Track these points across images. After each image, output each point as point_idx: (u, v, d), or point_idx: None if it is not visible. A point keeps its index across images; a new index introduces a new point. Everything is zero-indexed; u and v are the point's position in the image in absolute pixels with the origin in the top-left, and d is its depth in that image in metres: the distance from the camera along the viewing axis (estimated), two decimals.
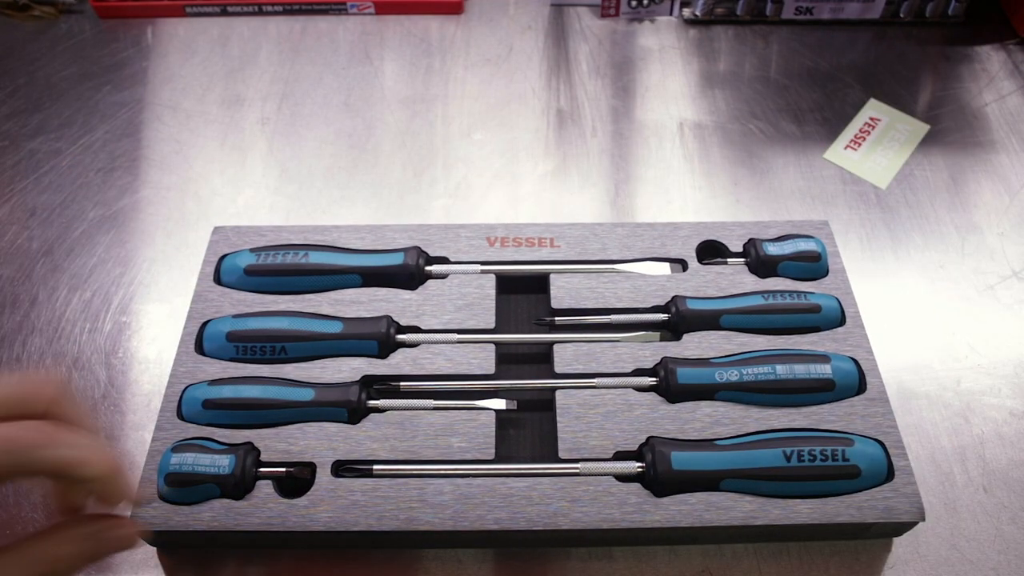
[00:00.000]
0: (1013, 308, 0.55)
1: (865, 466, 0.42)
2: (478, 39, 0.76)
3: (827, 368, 0.45)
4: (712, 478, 0.42)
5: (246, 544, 0.43)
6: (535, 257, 0.52)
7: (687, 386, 0.45)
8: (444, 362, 0.47)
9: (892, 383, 0.49)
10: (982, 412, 0.49)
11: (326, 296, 0.50)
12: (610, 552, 0.44)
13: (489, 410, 0.45)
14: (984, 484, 0.46)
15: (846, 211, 0.61)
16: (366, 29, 0.77)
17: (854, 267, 0.56)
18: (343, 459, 0.43)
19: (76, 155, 0.65)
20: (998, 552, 0.44)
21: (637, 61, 0.73)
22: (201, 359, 0.47)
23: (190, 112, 0.69)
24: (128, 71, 0.72)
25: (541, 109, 0.69)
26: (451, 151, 0.65)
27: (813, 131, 0.67)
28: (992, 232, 0.59)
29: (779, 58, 0.73)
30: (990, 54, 0.73)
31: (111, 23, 0.77)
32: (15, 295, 0.56)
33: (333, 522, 0.41)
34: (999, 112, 0.68)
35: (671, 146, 0.66)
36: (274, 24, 0.77)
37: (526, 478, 0.42)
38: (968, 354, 0.52)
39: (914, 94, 0.70)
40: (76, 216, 0.61)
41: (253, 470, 0.42)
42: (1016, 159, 0.64)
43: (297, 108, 0.69)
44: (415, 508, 0.41)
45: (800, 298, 0.49)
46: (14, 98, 0.69)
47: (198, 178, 0.63)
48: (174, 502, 0.41)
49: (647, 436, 0.44)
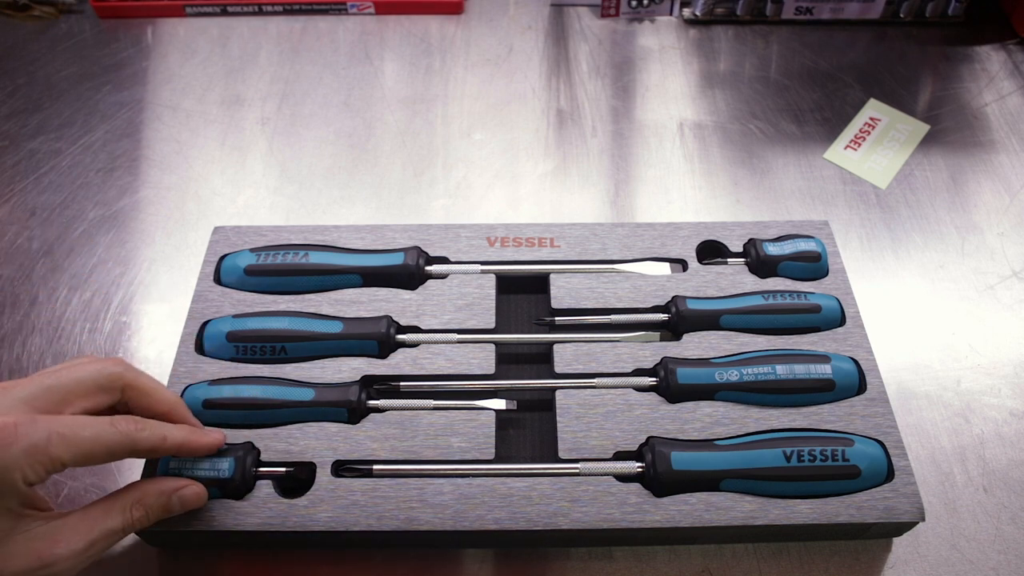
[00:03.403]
0: (1013, 308, 0.55)
1: (865, 466, 0.42)
2: (478, 39, 0.76)
3: (827, 368, 0.45)
4: (712, 478, 0.42)
5: (246, 544, 0.43)
6: (535, 257, 0.52)
7: (687, 386, 0.45)
8: (444, 362, 0.47)
9: (892, 383, 0.49)
10: (982, 412, 0.49)
11: (326, 296, 0.50)
12: (610, 552, 0.44)
13: (489, 410, 0.45)
14: (984, 484, 0.46)
15: (846, 211, 0.61)
16: (366, 29, 0.77)
17: (854, 267, 0.56)
18: (343, 459, 0.43)
19: (76, 155, 0.65)
20: (998, 552, 0.44)
21: (637, 61, 0.73)
22: (201, 359, 0.47)
23: (190, 112, 0.69)
24: (128, 71, 0.72)
25: (541, 109, 0.69)
26: (451, 151, 0.65)
27: (813, 131, 0.67)
28: (992, 232, 0.59)
29: (779, 58, 0.73)
30: (990, 54, 0.73)
31: (111, 23, 0.77)
32: (15, 295, 0.56)
33: (333, 522, 0.41)
34: (999, 112, 0.68)
35: (671, 146, 0.66)
36: (274, 24, 0.77)
37: (526, 478, 0.42)
38: (968, 354, 0.52)
39: (914, 94, 0.70)
40: (76, 216, 0.61)
41: (253, 470, 0.42)
42: (1016, 159, 0.64)
43: (297, 108, 0.69)
44: (415, 508, 0.41)
45: (800, 298, 0.49)
46: (14, 98, 0.69)
47: (198, 178, 0.63)
48: None
49: (647, 436, 0.44)
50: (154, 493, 0.38)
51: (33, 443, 0.32)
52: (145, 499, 0.37)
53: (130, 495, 0.37)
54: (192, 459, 0.41)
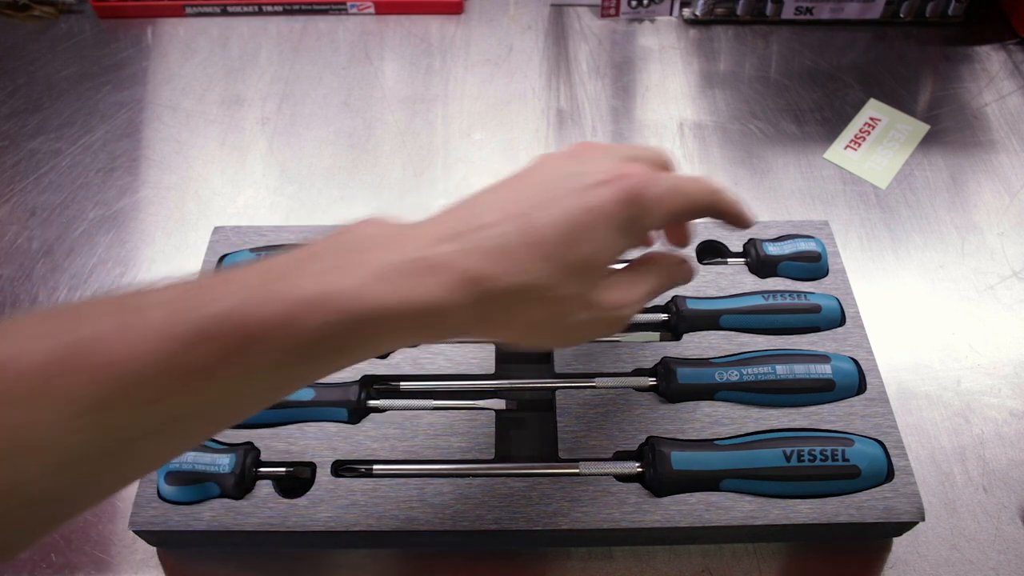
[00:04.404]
0: (1013, 308, 0.55)
1: (865, 466, 0.42)
2: (478, 39, 0.76)
3: (827, 368, 0.45)
4: (712, 478, 0.42)
5: (246, 544, 0.43)
6: None
7: (687, 386, 0.45)
8: (444, 362, 0.47)
9: (892, 383, 0.49)
10: (982, 412, 0.49)
11: None
12: (610, 552, 0.44)
13: (489, 410, 0.45)
14: (984, 484, 0.46)
15: (846, 211, 0.61)
16: (366, 29, 0.77)
17: (854, 267, 0.56)
18: (343, 459, 0.43)
19: (76, 155, 0.65)
20: (998, 552, 0.44)
21: (637, 61, 0.73)
22: None
23: (190, 112, 0.69)
24: (128, 71, 0.72)
25: (541, 109, 0.69)
26: (451, 151, 0.65)
27: (813, 131, 0.67)
28: (992, 232, 0.59)
29: (779, 58, 0.73)
30: (990, 54, 0.73)
31: (111, 23, 0.77)
32: (15, 295, 0.56)
33: (333, 522, 0.41)
34: (999, 112, 0.68)
35: (671, 146, 0.66)
36: (274, 24, 0.77)
37: (526, 478, 0.42)
38: (968, 354, 0.52)
39: (914, 94, 0.70)
40: (76, 216, 0.61)
41: (253, 470, 0.42)
42: (1016, 159, 0.64)
43: (297, 108, 0.69)
44: (415, 508, 0.41)
45: (800, 298, 0.49)
46: (14, 98, 0.69)
47: (198, 178, 0.63)
48: (174, 501, 0.41)
49: (647, 436, 0.44)
50: (674, 262, 0.39)
51: (659, 193, 0.33)
52: (669, 265, 0.38)
53: (654, 263, 0.38)
54: (192, 458, 0.41)
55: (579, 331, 0.34)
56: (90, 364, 0.24)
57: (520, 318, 0.31)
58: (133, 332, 0.25)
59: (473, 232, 0.30)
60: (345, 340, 0.28)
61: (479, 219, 0.30)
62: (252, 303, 0.26)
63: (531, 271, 0.30)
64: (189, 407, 0.26)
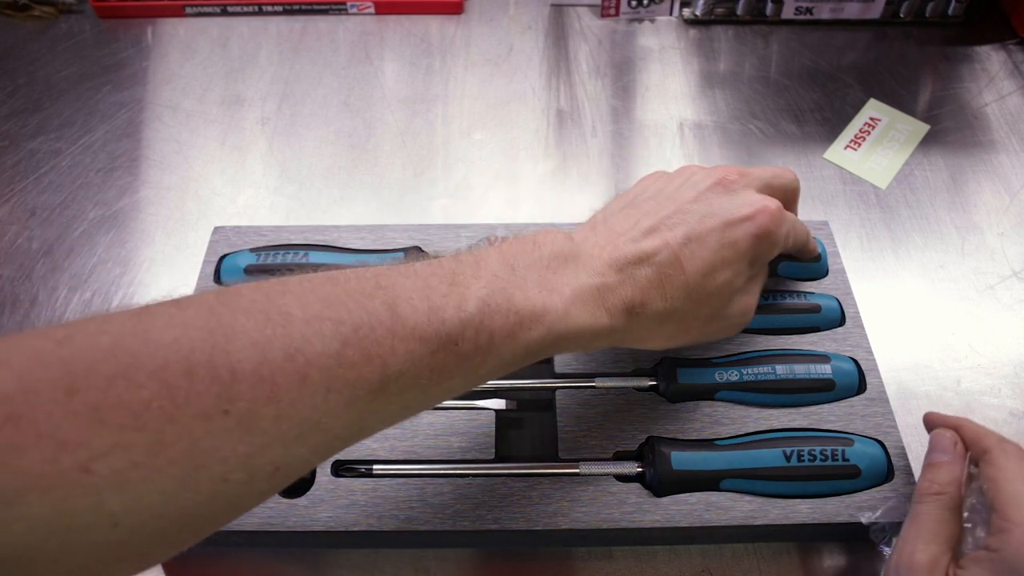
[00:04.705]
0: (1013, 308, 0.55)
1: (865, 466, 0.42)
2: (478, 39, 0.76)
3: (827, 368, 0.45)
4: (712, 478, 0.42)
5: (246, 544, 0.43)
6: None
7: (687, 386, 0.45)
8: None
9: (892, 383, 0.49)
10: (982, 412, 0.49)
11: None
12: (610, 552, 0.44)
13: (489, 410, 0.45)
14: None
15: (846, 211, 0.61)
16: (366, 29, 0.77)
17: (854, 267, 0.56)
18: (343, 459, 0.43)
19: (76, 155, 0.65)
20: None
21: (637, 61, 0.73)
22: None
23: (190, 112, 0.69)
24: (128, 71, 0.72)
25: (541, 109, 0.69)
26: (451, 151, 0.65)
27: (813, 131, 0.67)
28: (992, 232, 0.59)
29: (779, 58, 0.73)
30: (990, 54, 0.73)
31: (111, 23, 0.77)
32: (15, 295, 0.56)
33: (333, 522, 0.41)
34: (999, 112, 0.68)
35: (671, 146, 0.66)
36: (274, 24, 0.77)
37: (526, 478, 0.42)
38: (968, 354, 0.52)
39: (914, 94, 0.70)
40: (76, 216, 0.61)
41: None
42: (1016, 159, 0.64)
43: (297, 108, 0.69)
44: (415, 508, 0.41)
45: (800, 298, 0.49)
46: (14, 98, 0.69)
47: (198, 178, 0.63)
48: None
49: (647, 436, 0.44)
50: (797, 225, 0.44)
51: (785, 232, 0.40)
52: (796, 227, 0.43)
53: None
54: None
55: (710, 337, 0.41)
56: (366, 358, 0.27)
57: (661, 332, 0.38)
58: (398, 330, 0.28)
59: (633, 267, 0.36)
60: (544, 350, 0.33)
61: (639, 248, 0.36)
62: (489, 312, 0.30)
63: (674, 299, 0.36)
64: (415, 400, 0.30)
